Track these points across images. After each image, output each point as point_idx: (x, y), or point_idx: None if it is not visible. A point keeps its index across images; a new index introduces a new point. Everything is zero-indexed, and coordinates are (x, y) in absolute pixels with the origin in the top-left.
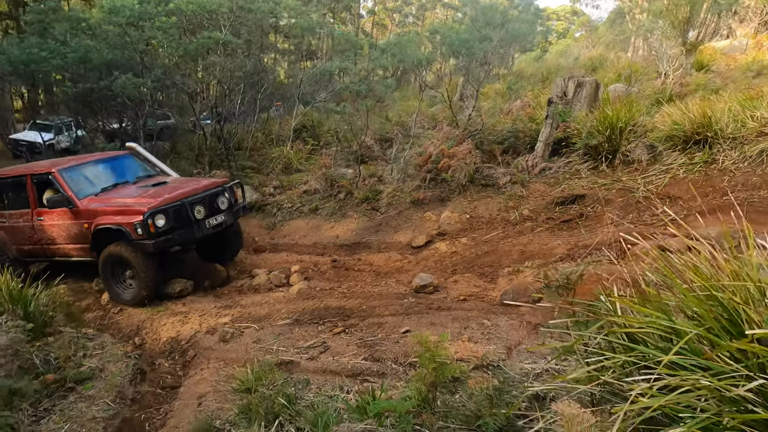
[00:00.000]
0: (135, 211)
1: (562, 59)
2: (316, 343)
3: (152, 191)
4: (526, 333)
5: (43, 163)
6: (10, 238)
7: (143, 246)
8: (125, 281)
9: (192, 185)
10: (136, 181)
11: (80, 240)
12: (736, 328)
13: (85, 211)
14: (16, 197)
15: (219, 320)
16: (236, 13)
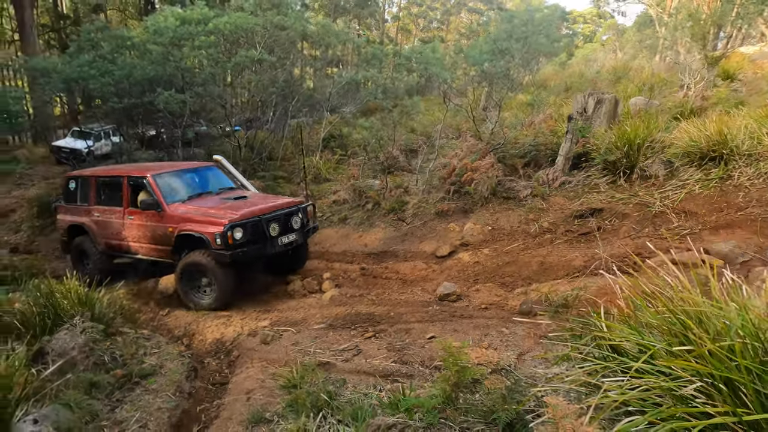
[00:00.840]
0: (216, 222)
1: (586, 68)
2: (349, 346)
3: (233, 204)
4: (536, 342)
5: (140, 166)
6: (101, 232)
7: (221, 256)
8: (201, 288)
9: (270, 202)
10: (219, 192)
11: (163, 242)
12: (690, 343)
13: (172, 216)
14: (111, 195)
15: (259, 323)
16: (270, 32)
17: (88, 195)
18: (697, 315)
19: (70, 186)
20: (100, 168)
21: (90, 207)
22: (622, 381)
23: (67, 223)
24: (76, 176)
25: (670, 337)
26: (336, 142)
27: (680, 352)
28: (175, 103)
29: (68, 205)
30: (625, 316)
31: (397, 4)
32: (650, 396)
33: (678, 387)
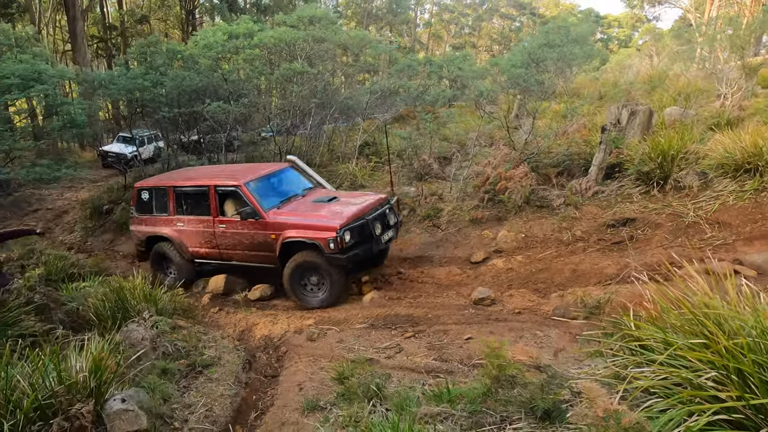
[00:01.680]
0: (327, 228)
1: (620, 75)
2: (391, 344)
3: (334, 207)
4: (569, 341)
5: (221, 173)
6: (187, 241)
7: (336, 260)
8: (310, 286)
9: (363, 201)
10: (305, 194)
11: (263, 248)
12: (707, 340)
13: (272, 224)
14: (195, 204)
15: (304, 322)
16: (310, 44)
17: (167, 205)
18: (716, 317)
19: (142, 197)
20: (169, 176)
21: (171, 217)
22: (647, 371)
23: (145, 234)
24: (148, 187)
25: (690, 336)
26: (371, 149)
27: (698, 347)
28: (222, 113)
29: (143, 215)
30: (652, 318)
31: (429, 10)
32: (671, 384)
33: (695, 376)
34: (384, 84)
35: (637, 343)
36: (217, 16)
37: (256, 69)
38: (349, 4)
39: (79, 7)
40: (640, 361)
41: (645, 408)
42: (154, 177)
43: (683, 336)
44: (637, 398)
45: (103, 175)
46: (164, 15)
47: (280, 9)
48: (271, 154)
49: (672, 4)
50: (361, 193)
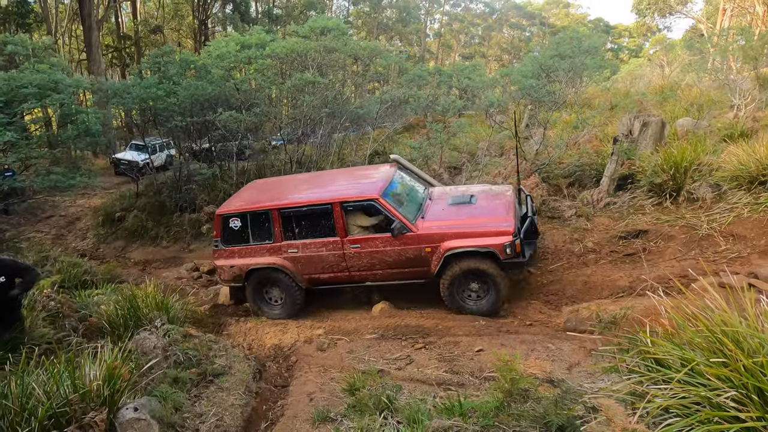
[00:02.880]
0: (500, 232)
1: (631, 85)
2: (401, 356)
3: (490, 208)
4: (583, 356)
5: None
6: (304, 269)
7: (512, 264)
8: (470, 293)
9: (505, 195)
10: (431, 197)
11: (412, 264)
12: (726, 359)
13: (425, 236)
14: (314, 226)
15: (314, 332)
16: (322, 54)
17: (270, 231)
18: (734, 335)
19: (231, 225)
20: (258, 196)
21: (278, 244)
22: (665, 389)
23: (245, 267)
24: (238, 212)
25: (709, 353)
26: (381, 158)
27: (716, 365)
28: (233, 122)
29: (234, 246)
30: (668, 334)
31: (439, 20)
32: (689, 403)
33: (715, 395)
34: (394, 93)
35: (653, 360)
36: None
37: (267, 79)
38: (359, 14)
39: (94, 17)
40: (657, 379)
41: (664, 427)
42: (234, 200)
43: (701, 353)
44: (655, 417)
45: (116, 182)
46: (177, 25)
47: (292, 19)
48: (281, 162)
49: (683, 14)
50: (488, 185)
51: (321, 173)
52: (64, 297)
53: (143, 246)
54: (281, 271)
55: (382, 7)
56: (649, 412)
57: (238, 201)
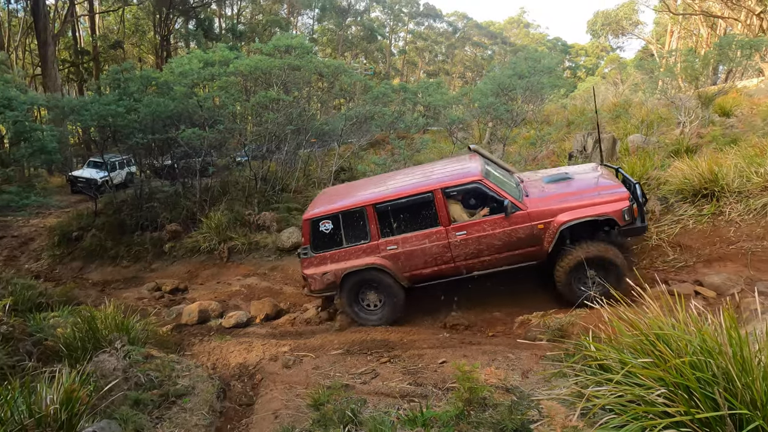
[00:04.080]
0: (616, 199)
1: (587, 103)
2: (366, 370)
3: (592, 180)
4: (536, 363)
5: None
6: (405, 265)
7: (635, 230)
8: (586, 279)
9: (598, 171)
10: (522, 179)
11: (524, 245)
12: (658, 360)
13: (536, 213)
14: (415, 217)
15: (279, 349)
16: (286, 72)
17: (366, 229)
18: (665, 337)
19: (322, 229)
20: (346, 193)
21: (375, 242)
22: (604, 389)
23: (340, 272)
24: (328, 214)
25: (643, 355)
26: (346, 174)
27: (650, 366)
28: (196, 139)
29: (326, 251)
30: (609, 339)
31: (404, 38)
32: (626, 401)
33: (647, 393)
34: (359, 110)
35: (596, 363)
36: (193, 42)
37: (231, 96)
38: (324, 31)
39: (50, 31)
40: (600, 380)
41: (602, 424)
42: (318, 206)
43: (637, 356)
44: (595, 415)
45: (73, 200)
46: (138, 40)
47: (257, 35)
48: (246, 179)
49: (634, 35)
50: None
51: (393, 173)
52: (17, 320)
53: (102, 266)
54: (381, 271)
55: (346, 25)
56: (590, 410)
57: (323, 205)
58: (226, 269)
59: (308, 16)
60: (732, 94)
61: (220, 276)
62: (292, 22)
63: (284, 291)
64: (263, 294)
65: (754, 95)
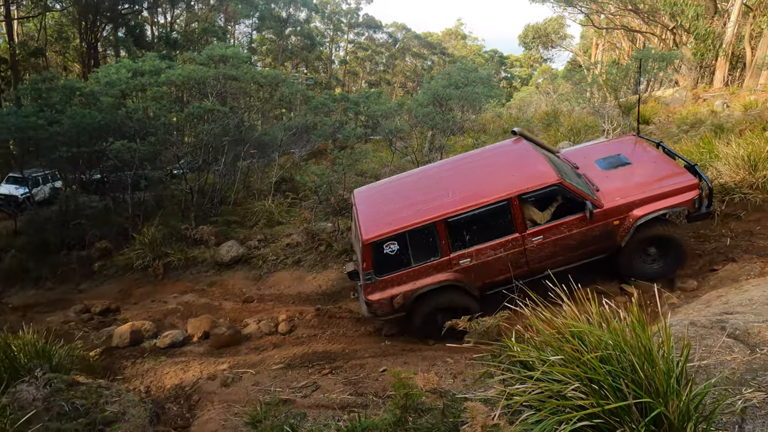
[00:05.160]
0: (686, 188)
1: (522, 111)
2: (308, 383)
3: (660, 166)
4: (465, 366)
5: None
6: (478, 276)
7: (699, 217)
8: (648, 258)
9: (655, 151)
10: (576, 165)
11: (597, 241)
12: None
13: (612, 210)
14: (489, 227)
15: (218, 367)
16: (222, 82)
17: (436, 245)
18: (579, 335)
19: (387, 251)
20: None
21: (446, 258)
22: (525, 387)
23: (411, 295)
24: (394, 233)
25: (560, 353)
26: (287, 185)
27: (567, 362)
28: (127, 152)
29: (392, 273)
30: (531, 338)
31: (344, 48)
32: (545, 397)
33: (564, 388)
34: (299, 121)
35: (519, 362)
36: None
37: (164, 107)
38: (263, 40)
39: None
40: (521, 378)
41: (521, 421)
42: (371, 217)
43: (556, 353)
44: (516, 413)
45: None
46: (62, 48)
47: (192, 44)
48: (182, 192)
49: (563, 47)
50: (603, 140)
51: (433, 168)
52: None
53: (24, 289)
54: (455, 287)
55: (286, 35)
56: (511, 408)
57: (375, 221)
58: (162, 287)
59: (246, 25)
60: (651, 103)
61: (155, 294)
62: (229, 31)
63: (224, 307)
64: (201, 311)
65: (670, 104)
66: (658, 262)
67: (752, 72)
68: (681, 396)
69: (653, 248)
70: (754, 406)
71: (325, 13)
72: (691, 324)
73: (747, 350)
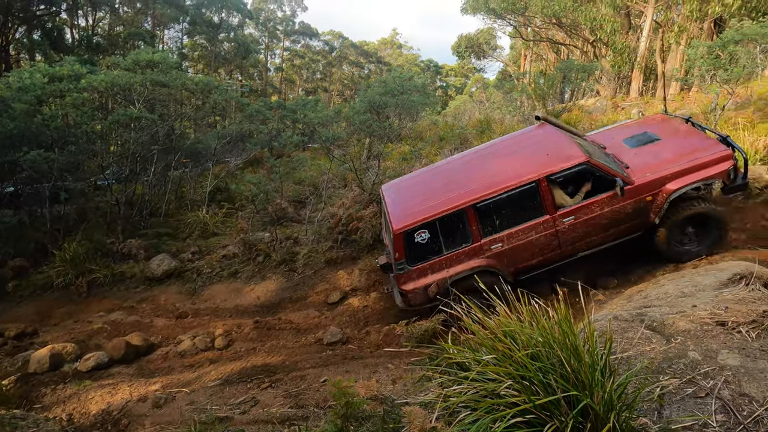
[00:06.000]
0: (719, 158)
1: (457, 119)
2: (246, 398)
3: (691, 139)
4: (404, 370)
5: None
6: (510, 260)
7: (735, 188)
8: (685, 238)
9: (684, 126)
10: (604, 146)
11: (631, 219)
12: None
13: (644, 185)
14: (519, 210)
15: (149, 388)
16: (150, 89)
17: (467, 232)
18: (511, 334)
19: (418, 240)
20: (422, 193)
21: (478, 243)
22: (461, 388)
23: (443, 282)
24: (424, 221)
25: (494, 352)
26: (223, 195)
27: (497, 361)
28: (43, 162)
29: (425, 262)
30: (466, 340)
31: (280, 55)
32: (480, 397)
33: (497, 387)
34: (234, 128)
35: (456, 363)
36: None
37: (85, 114)
38: (195, 46)
39: None
40: (458, 380)
41: (458, 421)
42: (406, 209)
43: (489, 353)
44: (453, 414)
45: None
46: None
47: (117, 48)
48: (107, 204)
49: (494, 58)
50: (628, 122)
51: (462, 158)
52: None
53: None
54: (488, 272)
55: (219, 41)
56: (448, 410)
57: (403, 210)
58: (86, 305)
59: (176, 29)
60: (575, 111)
61: (78, 314)
62: (158, 36)
63: (155, 324)
64: (130, 329)
65: (593, 112)
66: (696, 241)
67: (663, 83)
68: (605, 387)
69: (691, 227)
70: (671, 392)
71: (260, 19)
72: (615, 318)
73: (663, 340)
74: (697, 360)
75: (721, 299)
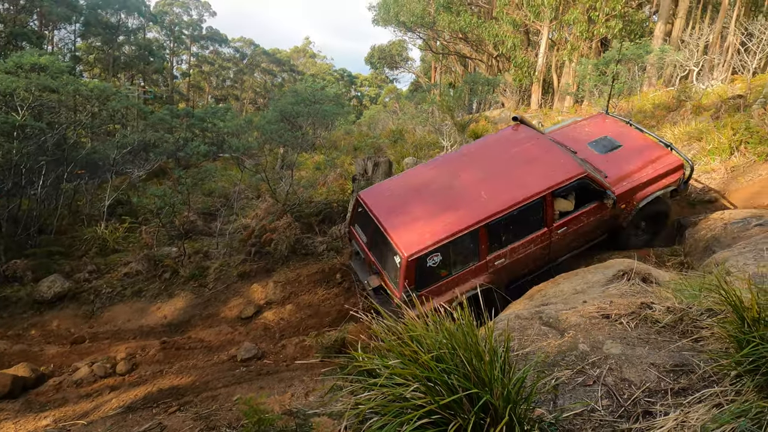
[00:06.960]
0: (675, 167)
1: (371, 129)
2: (152, 425)
3: (650, 148)
4: (315, 382)
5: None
6: (507, 273)
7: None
8: (638, 231)
9: (639, 134)
10: (575, 150)
11: (605, 226)
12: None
13: (621, 195)
14: (522, 226)
15: (38, 423)
16: (36, 94)
17: (476, 250)
18: (418, 338)
19: (429, 264)
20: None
21: (483, 261)
22: (370, 395)
23: (450, 304)
24: (437, 246)
25: (401, 357)
26: (124, 208)
27: (403, 365)
28: None
29: (433, 285)
30: (376, 347)
31: (187, 61)
32: (388, 402)
33: (405, 391)
34: (136, 137)
35: (366, 370)
36: None
37: None
38: (90, 48)
39: None
40: (367, 387)
41: (367, 428)
42: (411, 228)
43: (396, 358)
44: (363, 421)
45: None
46: None
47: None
48: None
49: (406, 69)
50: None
51: (457, 162)
52: None
53: None
54: (489, 289)
55: (118, 44)
56: (358, 417)
57: (415, 231)
58: None
59: (68, 30)
60: (482, 122)
61: None
62: (46, 36)
63: (46, 352)
64: (17, 360)
65: (498, 122)
66: (646, 234)
67: (559, 96)
68: (504, 383)
69: (644, 222)
70: (563, 382)
71: (164, 23)
72: (516, 317)
73: (558, 335)
74: (586, 351)
75: (607, 294)
